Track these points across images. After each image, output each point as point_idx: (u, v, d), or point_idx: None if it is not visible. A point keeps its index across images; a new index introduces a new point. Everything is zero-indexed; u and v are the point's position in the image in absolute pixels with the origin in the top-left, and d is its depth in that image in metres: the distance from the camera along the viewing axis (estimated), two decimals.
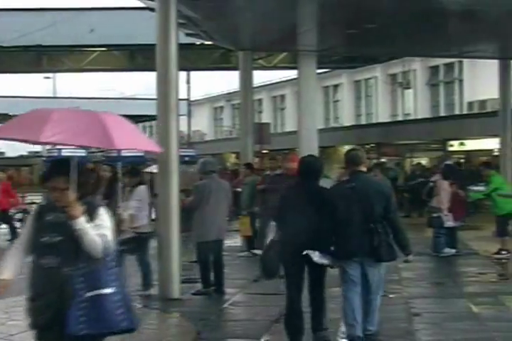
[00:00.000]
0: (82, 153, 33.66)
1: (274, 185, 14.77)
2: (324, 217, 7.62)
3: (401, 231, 7.73)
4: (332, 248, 7.69)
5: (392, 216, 7.67)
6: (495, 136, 23.64)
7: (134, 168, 11.62)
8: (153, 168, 15.37)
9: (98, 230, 4.91)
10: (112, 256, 5.00)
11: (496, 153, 25.60)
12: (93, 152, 39.67)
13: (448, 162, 21.88)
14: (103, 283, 4.90)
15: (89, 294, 4.85)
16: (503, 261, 14.40)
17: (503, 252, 14.71)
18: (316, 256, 7.54)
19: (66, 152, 29.91)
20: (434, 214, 15.08)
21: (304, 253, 7.54)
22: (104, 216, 5.06)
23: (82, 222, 4.86)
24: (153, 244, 11.47)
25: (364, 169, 7.94)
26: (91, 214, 4.97)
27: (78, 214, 4.85)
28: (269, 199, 14.74)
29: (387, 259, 7.67)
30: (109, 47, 26.72)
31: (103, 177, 11.22)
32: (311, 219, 7.59)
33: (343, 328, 7.93)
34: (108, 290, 4.89)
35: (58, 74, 48.99)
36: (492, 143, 25.97)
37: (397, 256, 7.77)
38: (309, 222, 7.57)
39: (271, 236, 7.92)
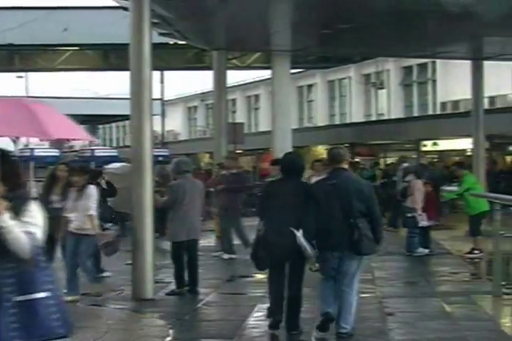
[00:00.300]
0: (55, 152, 33.50)
1: (231, 184, 14.81)
2: (307, 212, 7.98)
3: (379, 226, 8.18)
4: (314, 242, 7.99)
5: (372, 212, 8.02)
6: (468, 136, 23.78)
7: (83, 166, 11.41)
8: (112, 169, 15.26)
9: (25, 228, 4.37)
10: (43, 256, 4.51)
11: (468, 153, 25.76)
12: (65, 152, 39.49)
13: (406, 164, 22.14)
14: (36, 287, 4.41)
15: (19, 298, 4.36)
16: (476, 260, 14.48)
17: (476, 252, 14.79)
18: (299, 233, 7.86)
19: (39, 152, 29.78)
20: (409, 214, 15.13)
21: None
22: (34, 212, 4.50)
23: (5, 219, 4.31)
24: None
25: (345, 166, 8.29)
26: (18, 210, 4.43)
27: (1, 210, 4.31)
28: (227, 200, 14.75)
29: (367, 252, 8.05)
30: (83, 46, 26.60)
31: (59, 177, 11.13)
32: (294, 215, 7.98)
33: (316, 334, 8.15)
34: (41, 294, 4.42)
35: (31, 74, 48.70)
36: (465, 143, 26.13)
37: (376, 251, 8.25)
38: (292, 217, 7.96)
39: (260, 233, 8.24)
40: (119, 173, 16.78)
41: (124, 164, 19.07)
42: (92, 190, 10.59)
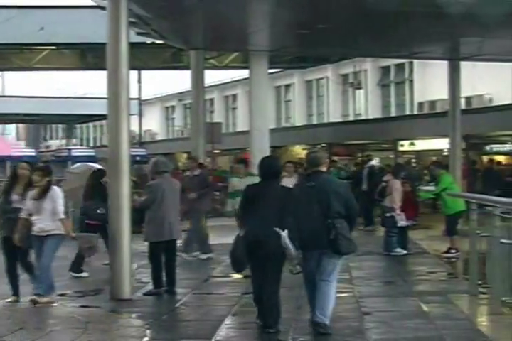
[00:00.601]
0: (31, 152, 33.39)
1: (195, 186, 14.74)
2: (286, 214, 8.30)
3: (354, 226, 8.54)
4: (296, 243, 8.25)
5: (349, 213, 8.36)
6: (444, 136, 23.89)
7: (46, 167, 11.03)
8: (75, 169, 15.05)
9: None
10: None
11: (445, 153, 25.88)
12: (42, 151, 39.33)
13: (372, 162, 22.29)
14: None
15: None
16: (453, 259, 14.55)
17: (453, 251, 14.86)
18: (284, 233, 8.12)
19: (15, 152, 29.67)
20: (387, 214, 15.17)
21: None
22: None
23: None
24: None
25: (324, 169, 8.64)
26: None
27: None
28: (192, 201, 14.62)
29: (344, 252, 8.31)
30: (59, 45, 26.46)
31: (20, 175, 10.55)
32: (274, 217, 8.29)
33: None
34: None
35: (7, 73, 48.45)
36: (442, 143, 26.25)
37: (355, 250, 8.42)
38: (273, 218, 8.27)
39: (241, 232, 8.53)
40: (77, 172, 16.31)
41: (84, 163, 18.75)
42: (58, 192, 10.24)
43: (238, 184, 14.25)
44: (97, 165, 18.04)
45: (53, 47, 26.75)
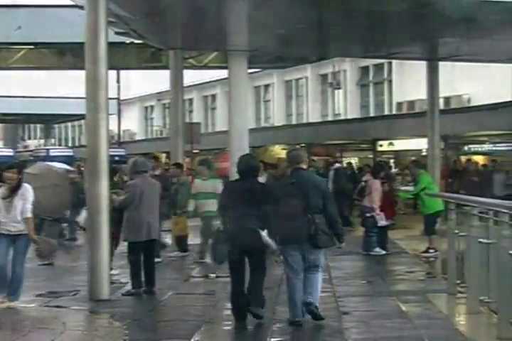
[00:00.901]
0: (9, 152, 33.29)
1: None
2: (265, 210, 8.68)
3: (336, 221, 8.85)
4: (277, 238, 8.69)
5: (328, 208, 8.70)
6: (423, 136, 23.97)
7: (18, 164, 10.87)
8: (33, 169, 14.81)
9: None
10: None
11: (424, 153, 25.96)
12: (20, 151, 39.17)
13: (337, 164, 22.40)
14: None
15: None
16: (431, 259, 14.61)
17: (431, 251, 14.92)
18: (264, 233, 8.55)
19: None
20: (368, 214, 15.20)
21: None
22: None
23: None
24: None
25: (304, 166, 9.07)
26: None
27: None
28: None
29: (324, 246, 8.74)
30: (38, 45, 26.30)
31: None
32: (253, 213, 8.64)
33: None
34: None
35: None
36: (420, 143, 26.34)
37: (334, 244, 8.86)
38: (251, 214, 8.65)
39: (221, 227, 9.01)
40: (34, 173, 15.90)
41: (43, 163, 18.45)
42: (29, 190, 10.06)
43: (200, 186, 14.15)
44: (59, 165, 17.78)
45: (31, 47, 26.59)
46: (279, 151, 33.13)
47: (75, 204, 15.27)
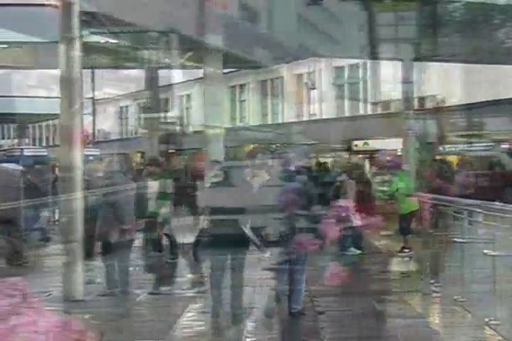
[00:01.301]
0: None
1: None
2: (248, 209, 8.92)
3: (316, 222, 9.17)
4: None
5: (308, 209, 9.02)
6: (398, 136, 24.04)
7: None
8: None
9: None
10: None
11: (399, 153, 26.04)
12: None
13: (299, 163, 22.36)
14: None
15: None
16: (406, 259, 14.64)
17: (406, 250, 14.95)
18: (247, 229, 8.82)
19: None
20: (343, 214, 15.19)
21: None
22: None
23: None
24: None
25: None
26: None
27: None
28: None
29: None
30: (11, 44, 26.16)
31: None
32: (234, 210, 8.87)
33: None
34: None
35: None
36: (395, 143, 26.41)
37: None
38: (233, 212, 8.87)
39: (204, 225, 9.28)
40: None
41: None
42: None
43: (152, 185, 14.09)
44: (12, 166, 17.51)
45: (5, 46, 26.44)
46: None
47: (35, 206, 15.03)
